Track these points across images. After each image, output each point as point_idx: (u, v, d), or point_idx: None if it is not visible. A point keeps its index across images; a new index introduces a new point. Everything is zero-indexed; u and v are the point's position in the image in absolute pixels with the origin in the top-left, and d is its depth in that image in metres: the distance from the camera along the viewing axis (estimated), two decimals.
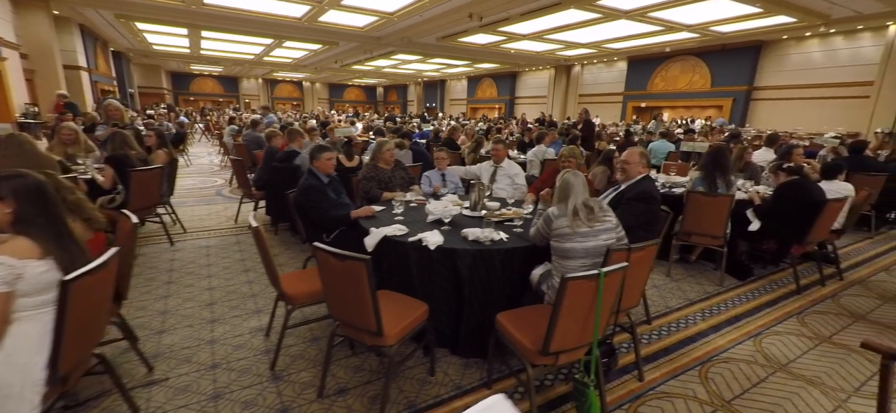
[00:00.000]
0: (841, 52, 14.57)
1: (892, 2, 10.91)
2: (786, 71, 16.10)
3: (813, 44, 15.25)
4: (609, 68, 22.72)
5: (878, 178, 4.78)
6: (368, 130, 9.91)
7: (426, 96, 36.90)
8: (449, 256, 2.32)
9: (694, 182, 3.74)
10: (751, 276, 3.77)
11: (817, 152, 6.70)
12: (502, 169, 4.03)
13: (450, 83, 34.61)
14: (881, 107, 13.49)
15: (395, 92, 41.09)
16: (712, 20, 14.28)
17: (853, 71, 14.23)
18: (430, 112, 32.74)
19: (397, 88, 40.60)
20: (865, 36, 13.95)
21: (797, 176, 3.55)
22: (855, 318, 3.08)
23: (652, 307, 3.20)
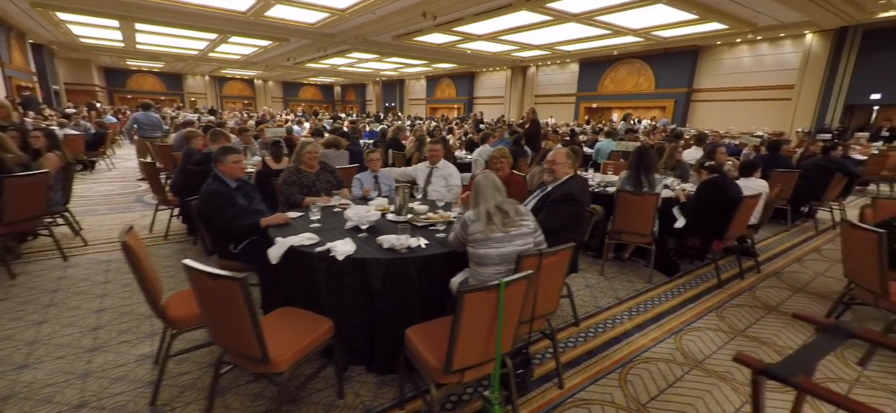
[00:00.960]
0: (766, 57, 15.78)
1: (807, 12, 11.91)
2: (720, 74, 17.24)
3: (743, 49, 16.42)
4: (562, 70, 23.36)
5: (792, 174, 5.12)
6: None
7: (385, 96, 36.37)
8: (359, 267, 2.15)
9: (622, 182, 3.79)
10: (678, 271, 3.88)
11: (742, 150, 7.14)
12: (438, 170, 3.90)
13: (409, 83, 34.30)
14: (801, 108, 14.75)
15: (353, 91, 40.18)
16: (654, 25, 15.01)
17: (777, 75, 15.46)
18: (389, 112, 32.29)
19: (355, 88, 39.74)
20: (787, 43, 15.19)
21: (717, 174, 3.69)
22: (768, 310, 3.23)
23: (583, 308, 3.19)
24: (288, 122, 11.86)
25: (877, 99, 13.26)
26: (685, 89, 18.23)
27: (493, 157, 3.42)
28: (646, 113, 19.80)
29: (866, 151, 7.92)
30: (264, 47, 21.39)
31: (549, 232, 2.66)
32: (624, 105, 20.99)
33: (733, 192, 3.53)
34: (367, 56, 23.56)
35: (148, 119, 7.21)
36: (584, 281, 3.70)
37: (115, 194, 6.08)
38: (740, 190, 3.62)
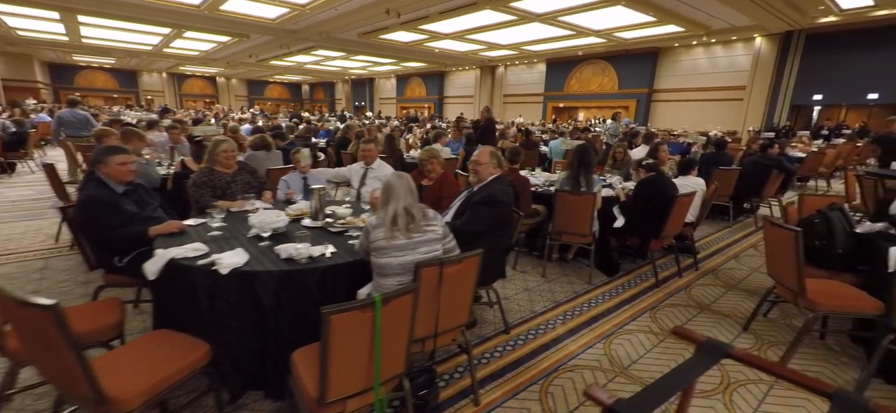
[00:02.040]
0: (720, 59, 16.41)
1: (755, 16, 12.42)
2: (678, 75, 17.81)
3: (699, 52, 17.02)
4: (530, 70, 23.57)
5: (733, 172, 5.22)
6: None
7: (355, 94, 35.72)
8: (248, 281, 1.92)
9: (561, 181, 3.71)
10: (618, 271, 3.83)
11: (691, 148, 7.30)
12: (373, 170, 3.70)
13: (379, 81, 33.82)
14: (752, 108, 15.40)
15: (321, 90, 39.25)
16: (615, 27, 15.31)
17: (730, 76, 16.10)
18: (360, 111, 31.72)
19: (324, 86, 38.82)
20: (738, 46, 15.83)
21: (654, 173, 3.66)
22: (701, 309, 3.21)
23: (518, 313, 3.08)
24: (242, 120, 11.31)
25: (818, 99, 14.00)
26: (646, 90, 18.74)
27: (421, 159, 3.24)
28: (610, 112, 20.18)
29: (806, 149, 8.28)
30: (224, 43, 20.51)
31: (473, 236, 2.52)
32: (589, 105, 21.39)
33: (669, 191, 3.50)
34: (334, 54, 23.02)
35: (75, 117, 6.63)
36: (523, 284, 3.59)
37: (28, 200, 5.53)
38: (676, 188, 3.61)
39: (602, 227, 3.76)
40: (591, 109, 21.28)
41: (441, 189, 3.15)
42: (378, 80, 33.90)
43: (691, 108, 17.36)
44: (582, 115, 21.37)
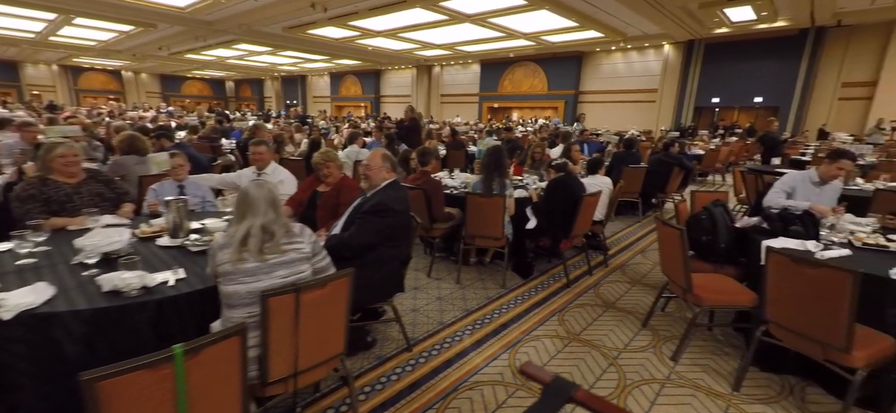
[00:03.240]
0: (636, 64, 17.72)
1: (663, 26, 13.52)
2: (601, 78, 18.97)
3: (617, 57, 18.25)
4: (465, 70, 23.80)
5: (640, 169, 5.50)
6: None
7: (286, 93, 33.76)
8: (43, 326, 1.50)
9: (473, 184, 3.59)
10: (532, 273, 3.80)
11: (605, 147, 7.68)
12: (265, 176, 3.29)
13: (311, 79, 32.26)
14: (663, 109, 16.80)
15: (248, 87, 36.60)
16: (542, 30, 15.88)
17: (644, 80, 17.45)
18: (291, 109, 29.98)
19: (251, 83, 36.24)
20: (650, 52, 17.20)
21: (562, 173, 3.67)
22: (606, 307, 3.24)
23: (426, 325, 2.88)
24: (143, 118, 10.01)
25: (716, 102, 15.64)
26: (573, 91, 19.72)
27: (316, 162, 2.92)
28: (541, 112, 21.00)
29: (705, 147, 9.11)
30: (127, 33, 18.22)
31: (363, 248, 2.26)
32: (522, 105, 22.07)
33: (577, 191, 3.51)
34: (259, 48, 21.47)
35: None
36: (437, 292, 3.41)
37: None
38: (584, 188, 3.64)
39: (518, 229, 3.71)
40: (524, 110, 21.98)
41: (339, 195, 2.86)
42: (311, 78, 32.34)
43: (612, 109, 18.57)
44: (516, 115, 21.98)
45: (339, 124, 12.17)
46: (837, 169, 3.02)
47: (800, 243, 2.43)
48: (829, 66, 13.30)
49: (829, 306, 1.83)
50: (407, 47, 20.21)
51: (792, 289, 1.98)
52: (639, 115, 17.48)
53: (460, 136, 7.99)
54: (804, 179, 3.15)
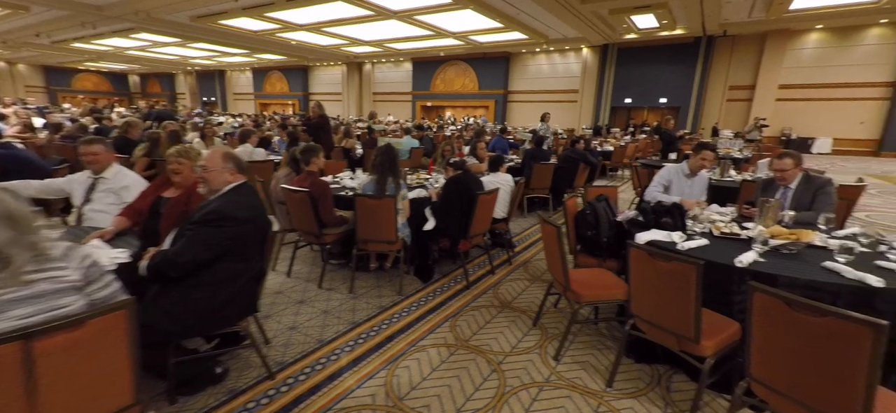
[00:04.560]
0: (559, 65, 18.60)
1: (580, 30, 14.28)
2: (527, 78, 19.66)
3: (542, 58, 19.03)
4: (397, 68, 23.43)
5: (549, 166, 5.62)
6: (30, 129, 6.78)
7: (202, 89, 30.90)
8: None
9: (364, 185, 3.34)
10: (432, 277, 3.64)
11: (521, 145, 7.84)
12: (105, 182, 2.75)
13: (232, 74, 29.83)
14: (584, 109, 17.80)
15: (157, 82, 32.98)
16: (470, 30, 16.03)
17: (567, 81, 18.37)
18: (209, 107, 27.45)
19: (161, 78, 32.69)
20: (571, 55, 18.15)
21: (460, 171, 3.56)
22: (502, 308, 3.17)
23: (303, 345, 2.57)
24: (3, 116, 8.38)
25: (629, 102, 16.90)
26: (502, 91, 20.23)
27: (167, 158, 2.47)
28: (473, 111, 21.29)
29: (616, 144, 9.71)
30: None
31: (196, 265, 1.90)
32: (455, 104, 22.21)
33: (473, 189, 3.40)
34: (165, 39, 19.29)
35: None
36: (324, 304, 3.11)
37: None
38: (480, 186, 3.55)
39: (418, 231, 3.52)
40: (457, 109, 22.14)
41: (189, 202, 2.44)
42: (230, 73, 29.90)
43: (539, 109, 19.28)
44: (449, 114, 22.06)
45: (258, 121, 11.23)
46: (701, 160, 3.22)
47: (667, 235, 2.49)
48: (719, 71, 14.94)
49: (678, 298, 1.85)
50: (335, 43, 19.38)
51: (649, 282, 1.98)
52: (563, 114, 18.36)
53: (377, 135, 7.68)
54: (677, 172, 3.32)
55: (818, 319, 1.33)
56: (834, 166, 11.05)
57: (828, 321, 1.30)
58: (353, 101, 24.71)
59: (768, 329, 1.50)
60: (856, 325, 1.24)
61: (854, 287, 1.82)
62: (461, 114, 21.35)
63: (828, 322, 1.30)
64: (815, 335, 1.35)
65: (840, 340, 1.29)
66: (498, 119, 19.87)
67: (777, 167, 3.24)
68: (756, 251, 2.15)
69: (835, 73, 13.58)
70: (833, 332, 1.30)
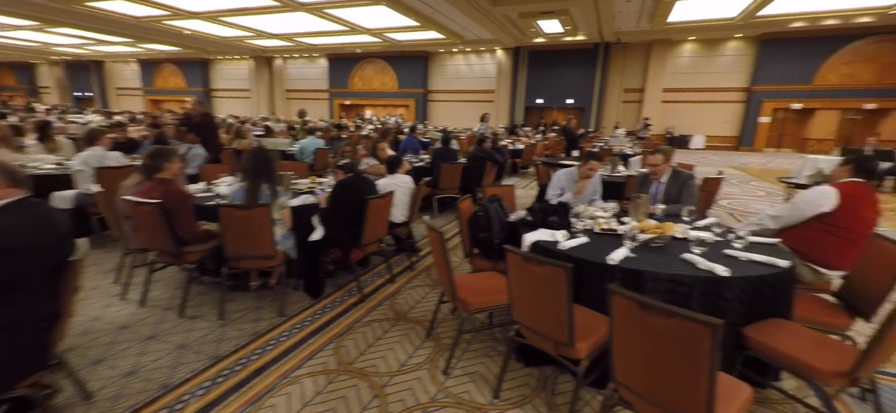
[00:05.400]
0: (476, 66, 19.03)
1: (494, 32, 14.70)
2: (446, 78, 19.82)
3: (459, 59, 19.32)
4: (312, 64, 22.16)
5: (457, 165, 5.57)
6: None
7: (74, 82, 26.29)
8: None
9: (233, 193, 2.90)
10: (322, 292, 3.31)
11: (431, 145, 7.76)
12: None
13: (112, 66, 25.79)
14: (500, 109, 18.41)
15: (10, 73, 27.34)
16: (386, 27, 15.65)
17: (483, 81, 18.87)
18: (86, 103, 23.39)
19: (16, 68, 27.15)
20: (487, 56, 18.68)
21: (351, 174, 3.27)
22: (397, 320, 2.95)
23: (140, 394, 2.10)
24: None
25: (541, 103, 17.88)
26: (422, 90, 20.16)
27: None
28: (394, 110, 20.91)
29: (527, 142, 10.11)
30: None
31: None
32: (375, 103, 21.64)
33: (364, 193, 3.14)
34: (16, 21, 15.94)
35: None
36: (182, 337, 2.62)
37: None
38: (373, 189, 3.30)
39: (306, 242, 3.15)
40: (377, 107, 21.60)
41: None
42: (111, 65, 25.86)
43: (458, 108, 19.61)
44: (369, 113, 21.42)
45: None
46: (589, 170, 3.35)
47: (551, 234, 2.48)
48: (615, 75, 16.44)
49: (551, 302, 1.78)
50: (237, 35, 17.66)
51: (525, 287, 1.91)
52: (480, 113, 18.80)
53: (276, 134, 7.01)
54: (569, 177, 3.41)
55: (667, 321, 1.30)
56: (705, 160, 12.76)
57: (675, 322, 1.28)
58: (264, 99, 22.85)
59: (626, 331, 1.47)
60: (696, 325, 1.23)
61: (706, 277, 1.91)
62: (382, 112, 20.85)
63: (675, 323, 1.28)
64: (665, 336, 1.33)
65: (685, 340, 1.28)
66: (419, 118, 19.76)
67: (649, 162, 3.47)
68: (627, 247, 2.19)
69: (705, 78, 15.72)
70: (679, 333, 1.29)
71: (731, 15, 12.06)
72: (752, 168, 11.41)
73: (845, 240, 2.31)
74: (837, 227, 2.32)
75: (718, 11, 11.93)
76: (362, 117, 19.41)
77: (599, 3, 10.91)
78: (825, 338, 1.91)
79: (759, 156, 14.43)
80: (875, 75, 13.47)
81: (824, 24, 12.55)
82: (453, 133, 13.42)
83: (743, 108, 15.47)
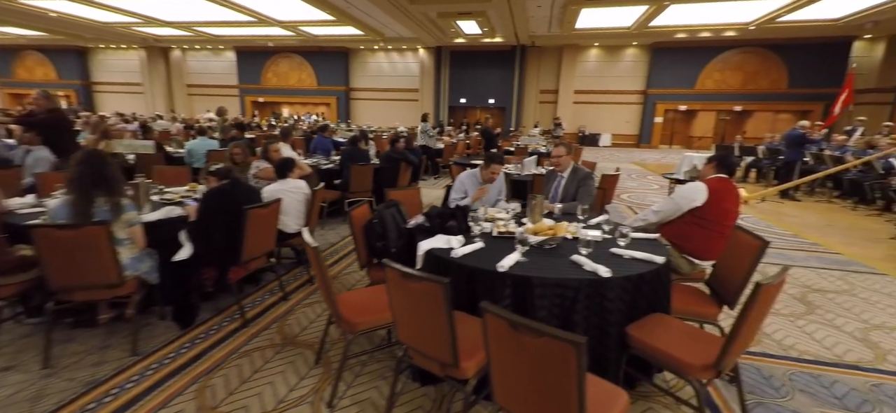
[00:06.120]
0: (398, 64, 18.71)
1: (414, 31, 14.50)
2: (368, 76, 19.23)
3: (381, 56, 18.85)
4: (218, 57, 20.11)
5: (369, 167, 5.27)
6: None
7: None
8: None
9: (54, 211, 2.32)
10: (195, 319, 2.83)
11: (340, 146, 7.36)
12: None
13: None
14: (425, 107, 18.27)
15: None
16: (299, 20, 14.67)
17: (407, 80, 18.63)
18: None
19: None
20: (409, 54, 18.46)
21: (225, 181, 2.83)
22: (284, 345, 2.60)
23: None
24: None
25: (464, 102, 18.14)
26: (344, 88, 19.33)
27: None
28: (314, 108, 19.80)
29: (448, 142, 10.10)
30: None
31: None
32: (292, 100, 20.30)
33: (241, 201, 2.72)
34: None
35: None
36: None
37: None
38: (253, 197, 2.89)
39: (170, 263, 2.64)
40: (295, 105, 20.29)
41: None
42: None
43: (382, 107, 19.15)
44: (287, 111, 20.02)
45: None
46: (491, 173, 3.29)
47: (447, 241, 2.33)
48: (531, 76, 17.23)
49: (432, 321, 1.61)
50: (121, 20, 15.30)
51: (405, 305, 1.72)
52: (406, 112, 18.56)
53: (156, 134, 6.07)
54: (472, 179, 3.32)
55: (536, 340, 1.19)
56: (612, 156, 13.90)
57: (543, 341, 1.17)
58: (160, 94, 20.22)
59: (500, 350, 1.34)
60: (562, 344, 1.13)
61: (591, 279, 1.89)
62: (301, 110, 19.61)
63: (543, 342, 1.17)
64: (535, 355, 1.21)
65: (554, 358, 1.18)
66: (341, 117, 18.93)
67: (553, 155, 3.52)
68: (519, 251, 2.11)
69: (609, 82, 17.16)
70: (548, 351, 1.18)
71: (627, 24, 13.24)
72: (650, 164, 12.64)
73: (713, 231, 2.49)
74: (706, 220, 2.49)
75: (617, 20, 13.04)
76: (278, 115, 18.05)
77: (513, 7, 11.27)
78: (697, 331, 2.00)
79: (655, 152, 16.11)
80: (741, 82, 15.77)
81: (701, 35, 14.36)
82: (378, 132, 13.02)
83: (641, 109, 17.15)
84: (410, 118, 18.11)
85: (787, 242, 4.97)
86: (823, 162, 7.65)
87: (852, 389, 2.24)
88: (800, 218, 6.24)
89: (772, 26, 12.56)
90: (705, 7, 11.10)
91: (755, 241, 2.11)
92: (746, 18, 12.17)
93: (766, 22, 12.15)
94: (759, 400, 2.13)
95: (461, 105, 18.17)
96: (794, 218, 6.24)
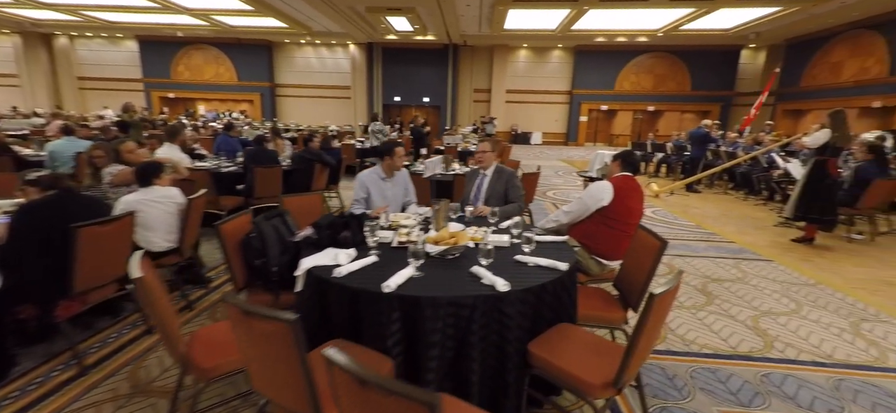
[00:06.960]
0: (328, 60, 17.79)
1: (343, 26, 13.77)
2: (295, 72, 18.07)
3: (309, 51, 17.80)
4: (116, 46, 17.68)
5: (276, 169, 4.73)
6: None
7: None
8: None
9: None
10: (14, 367, 2.20)
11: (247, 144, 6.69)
12: None
13: None
14: (357, 106, 17.61)
15: None
16: (212, 8, 13.30)
17: (338, 76, 17.78)
18: None
19: None
20: (339, 50, 17.63)
21: (51, 192, 2.23)
22: (129, 397, 2.08)
23: None
24: None
25: (398, 100, 17.72)
26: (268, 83, 17.98)
27: None
28: (235, 105, 18.18)
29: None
30: None
31: None
32: (209, 96, 18.48)
33: (71, 217, 2.15)
34: None
35: None
36: None
37: None
38: (97, 209, 2.32)
39: None
40: (213, 102, 18.48)
41: None
42: None
43: (311, 104, 18.10)
44: (203, 108, 18.14)
45: None
46: (392, 165, 3.01)
47: (333, 256, 1.99)
48: (465, 75, 17.29)
49: (282, 366, 1.28)
50: None
51: (253, 349, 1.37)
52: (338, 111, 17.72)
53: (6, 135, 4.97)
54: (373, 178, 3.01)
55: (386, 400, 0.91)
56: (542, 154, 14.35)
57: (393, 401, 0.89)
58: (42, 87, 17.31)
59: (352, 409, 1.04)
60: (416, 406, 0.86)
61: (487, 294, 1.67)
62: (221, 107, 17.89)
63: (393, 402, 0.89)
64: None
65: None
66: (266, 115, 17.56)
67: (479, 150, 3.31)
68: (412, 266, 1.83)
69: (538, 82, 17.75)
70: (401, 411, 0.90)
71: (551, 27, 13.72)
72: (576, 161, 13.22)
73: (619, 231, 2.43)
74: (612, 219, 2.42)
75: (543, 23, 13.46)
76: (191, 113, 16.28)
77: (443, 5, 11.10)
78: (601, 342, 1.87)
79: (581, 150, 16.96)
80: (653, 84, 17.13)
81: (618, 40, 15.34)
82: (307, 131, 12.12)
83: (567, 108, 17.98)
84: (343, 116, 17.32)
85: (692, 234, 5.29)
86: (720, 157, 8.42)
87: (745, 382, 2.28)
88: (701, 209, 6.75)
89: (676, 33, 13.72)
90: (620, 13, 11.80)
91: (655, 241, 2.05)
92: (655, 25, 13.17)
93: (671, 29, 13.24)
94: (662, 404, 2.08)
95: (395, 103, 17.73)
96: (697, 209, 6.73)
